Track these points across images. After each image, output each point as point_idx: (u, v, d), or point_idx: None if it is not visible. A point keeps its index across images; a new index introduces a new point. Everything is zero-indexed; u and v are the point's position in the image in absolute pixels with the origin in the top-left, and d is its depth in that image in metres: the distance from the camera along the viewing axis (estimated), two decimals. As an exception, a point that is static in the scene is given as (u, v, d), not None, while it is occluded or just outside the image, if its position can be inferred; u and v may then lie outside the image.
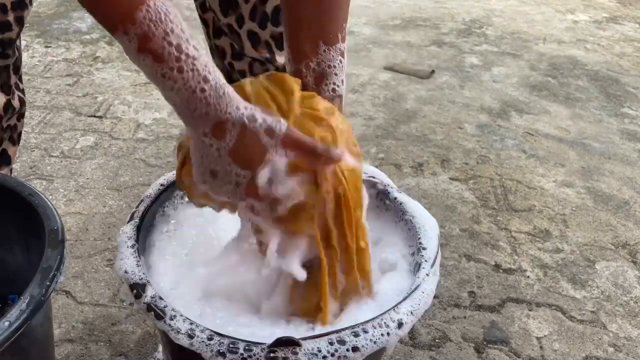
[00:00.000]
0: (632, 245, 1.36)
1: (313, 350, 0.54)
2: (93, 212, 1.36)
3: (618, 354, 1.07)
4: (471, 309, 1.15)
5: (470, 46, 2.45)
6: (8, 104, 0.94)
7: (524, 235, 1.36)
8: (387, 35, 2.53)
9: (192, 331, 0.55)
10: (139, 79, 2.02)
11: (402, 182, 1.52)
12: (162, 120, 1.77)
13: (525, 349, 1.07)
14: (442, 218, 1.40)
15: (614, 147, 1.76)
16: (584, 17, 2.86)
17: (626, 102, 2.04)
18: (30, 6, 0.90)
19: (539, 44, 2.52)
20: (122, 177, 1.49)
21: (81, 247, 1.25)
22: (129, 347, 1.03)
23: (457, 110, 1.93)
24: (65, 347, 1.02)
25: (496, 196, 1.50)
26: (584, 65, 2.31)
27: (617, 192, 1.55)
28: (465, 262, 1.27)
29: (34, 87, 1.92)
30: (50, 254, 0.60)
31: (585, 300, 1.19)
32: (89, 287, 1.15)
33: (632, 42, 2.57)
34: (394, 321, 0.57)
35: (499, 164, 1.64)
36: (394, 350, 1.04)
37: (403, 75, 2.16)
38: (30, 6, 0.90)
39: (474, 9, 2.89)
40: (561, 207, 1.47)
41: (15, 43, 0.92)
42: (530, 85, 2.13)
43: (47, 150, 1.59)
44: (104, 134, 1.68)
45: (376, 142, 1.72)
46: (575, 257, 1.31)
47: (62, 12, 2.57)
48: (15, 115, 0.98)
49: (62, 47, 2.24)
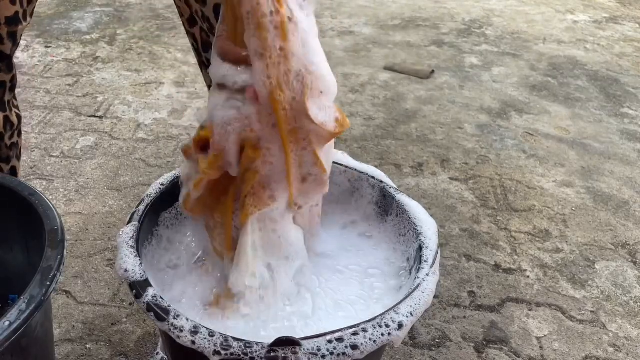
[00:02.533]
0: (632, 245, 1.36)
1: (313, 349, 0.54)
2: (93, 212, 1.36)
3: (618, 354, 1.07)
4: (471, 309, 1.15)
5: (470, 46, 2.45)
6: (6, 120, 0.94)
7: (524, 235, 1.36)
8: (387, 35, 2.53)
9: (193, 330, 0.55)
10: (139, 79, 2.02)
11: (402, 182, 1.52)
12: (162, 120, 1.77)
13: (525, 348, 1.07)
14: (442, 218, 1.40)
15: (613, 147, 1.76)
16: (584, 17, 2.86)
17: (626, 102, 2.04)
18: (24, 22, 0.88)
19: (539, 44, 2.52)
20: (122, 177, 1.49)
21: (81, 247, 1.25)
22: (129, 347, 1.03)
23: (457, 110, 1.93)
24: (65, 347, 1.02)
25: (496, 196, 1.50)
26: (583, 66, 2.31)
27: (617, 192, 1.55)
28: (465, 262, 1.27)
29: (34, 87, 1.92)
30: (50, 254, 0.60)
31: (585, 300, 1.19)
32: (89, 287, 1.15)
33: (632, 42, 2.58)
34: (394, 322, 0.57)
35: (498, 164, 1.64)
36: (394, 350, 1.04)
37: (403, 75, 2.16)
38: (24, 22, 0.88)
39: (474, 9, 2.89)
40: (561, 207, 1.47)
41: (11, 59, 0.91)
42: (530, 86, 2.13)
43: (47, 150, 1.59)
44: (104, 134, 1.68)
45: (376, 142, 1.72)
46: (575, 257, 1.31)
47: (62, 12, 2.57)
48: (16, 131, 0.98)
49: (62, 47, 2.24)
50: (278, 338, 0.54)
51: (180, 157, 1.58)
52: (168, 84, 1.99)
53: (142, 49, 2.25)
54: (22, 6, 0.86)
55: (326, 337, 0.55)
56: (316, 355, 0.53)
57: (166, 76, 2.04)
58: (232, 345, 0.54)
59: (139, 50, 2.23)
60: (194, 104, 1.86)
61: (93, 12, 2.57)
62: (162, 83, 1.99)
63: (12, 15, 0.85)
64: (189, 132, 1.71)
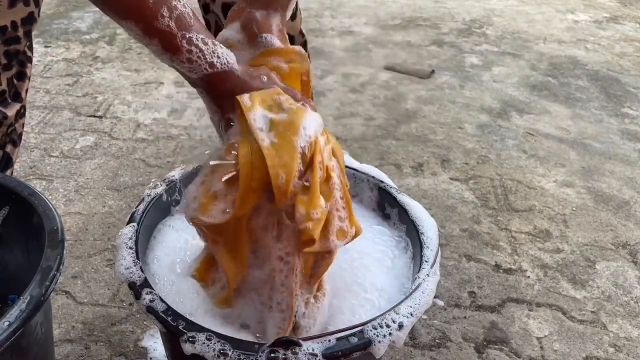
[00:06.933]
0: (633, 245, 1.36)
1: (313, 350, 0.54)
2: (93, 212, 1.36)
3: (618, 354, 1.07)
4: (471, 309, 1.15)
5: (471, 46, 2.45)
6: (19, 109, 0.97)
7: (524, 235, 1.36)
8: (387, 35, 2.53)
9: (194, 331, 0.55)
10: (139, 79, 2.02)
11: (402, 182, 1.52)
12: (162, 120, 1.77)
13: (526, 349, 1.07)
14: (442, 218, 1.40)
15: (614, 147, 1.76)
16: (585, 17, 2.85)
17: (626, 102, 2.04)
18: (38, 18, 0.92)
19: (539, 43, 2.51)
20: (122, 177, 1.49)
21: (81, 247, 1.25)
22: (128, 347, 1.03)
23: (457, 110, 1.93)
24: (65, 347, 1.02)
25: (496, 196, 1.50)
26: (584, 65, 2.31)
27: (618, 192, 1.55)
28: (465, 262, 1.27)
29: (34, 87, 1.91)
30: (50, 254, 0.60)
31: (585, 300, 1.19)
32: (88, 287, 1.15)
33: (633, 42, 2.57)
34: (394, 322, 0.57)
35: (499, 164, 1.64)
36: (394, 351, 1.04)
37: (403, 75, 2.16)
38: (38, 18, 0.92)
39: (474, 9, 2.89)
40: (561, 207, 1.47)
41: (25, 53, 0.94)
42: (530, 85, 2.13)
43: (47, 150, 1.59)
44: (104, 134, 1.68)
45: (376, 142, 1.71)
46: (575, 257, 1.31)
47: (62, 12, 2.57)
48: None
49: (62, 47, 2.24)
50: (278, 338, 0.54)
51: (180, 157, 1.58)
52: (168, 84, 1.99)
53: (142, 48, 2.24)
54: (36, 5, 0.89)
55: (326, 337, 0.55)
56: (316, 356, 0.53)
57: (166, 76, 2.03)
58: (232, 347, 0.54)
59: (139, 50, 2.23)
60: (194, 103, 1.86)
61: (93, 12, 2.57)
62: (161, 83, 1.99)
63: (27, 15, 0.88)
64: (188, 132, 1.71)
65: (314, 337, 0.55)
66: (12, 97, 0.95)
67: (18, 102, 0.96)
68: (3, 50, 0.88)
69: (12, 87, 0.95)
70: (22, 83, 0.96)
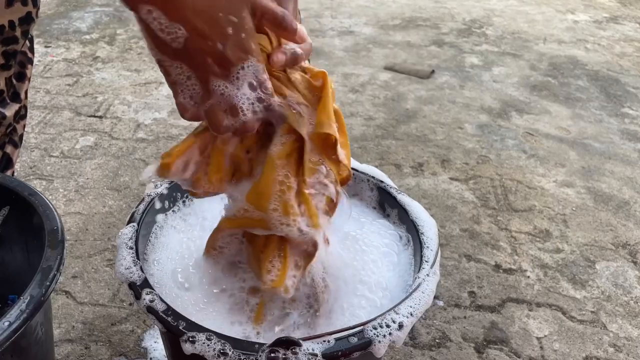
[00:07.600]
0: (633, 245, 1.36)
1: (313, 350, 0.54)
2: (93, 212, 1.36)
3: (618, 354, 1.07)
4: (471, 309, 1.15)
5: (471, 46, 2.45)
6: (18, 110, 0.98)
7: (524, 235, 1.36)
8: (387, 35, 2.53)
9: (194, 331, 0.55)
10: (139, 79, 2.02)
11: (402, 182, 1.52)
12: (162, 120, 1.77)
13: (526, 349, 1.07)
14: (442, 218, 1.40)
15: (614, 147, 1.76)
16: (585, 17, 2.86)
17: (626, 102, 2.04)
18: (36, 18, 0.92)
19: (539, 44, 2.51)
20: (122, 177, 1.49)
21: (81, 247, 1.25)
22: (128, 347, 1.03)
23: (457, 110, 1.93)
24: (65, 347, 1.02)
25: (496, 196, 1.50)
26: (584, 65, 2.31)
27: (618, 192, 1.55)
28: (465, 262, 1.27)
29: (34, 87, 1.91)
30: (50, 254, 0.60)
31: (585, 300, 1.19)
32: (88, 287, 1.15)
33: (633, 42, 2.57)
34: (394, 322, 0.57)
35: (499, 164, 1.64)
36: (394, 351, 1.04)
37: (403, 75, 2.16)
38: (36, 18, 0.92)
39: (474, 9, 2.89)
40: (561, 207, 1.47)
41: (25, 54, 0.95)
42: (530, 85, 2.13)
43: (47, 150, 1.59)
44: (104, 134, 1.68)
45: (376, 142, 1.71)
46: (575, 257, 1.31)
47: (62, 12, 2.57)
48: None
49: (62, 47, 2.24)
50: (278, 338, 0.54)
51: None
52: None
53: (142, 48, 2.24)
54: (34, 5, 0.89)
55: (326, 337, 0.55)
56: (316, 356, 0.53)
57: (166, 76, 2.03)
58: (232, 346, 0.54)
59: (139, 50, 2.23)
60: (194, 103, 1.86)
61: (93, 12, 2.57)
62: (161, 83, 1.99)
63: (24, 15, 0.88)
64: (189, 132, 1.71)
65: (314, 337, 0.55)
66: (10, 97, 0.95)
67: (17, 103, 0.96)
68: (1, 50, 0.88)
69: (11, 87, 0.95)
70: (22, 84, 0.97)
